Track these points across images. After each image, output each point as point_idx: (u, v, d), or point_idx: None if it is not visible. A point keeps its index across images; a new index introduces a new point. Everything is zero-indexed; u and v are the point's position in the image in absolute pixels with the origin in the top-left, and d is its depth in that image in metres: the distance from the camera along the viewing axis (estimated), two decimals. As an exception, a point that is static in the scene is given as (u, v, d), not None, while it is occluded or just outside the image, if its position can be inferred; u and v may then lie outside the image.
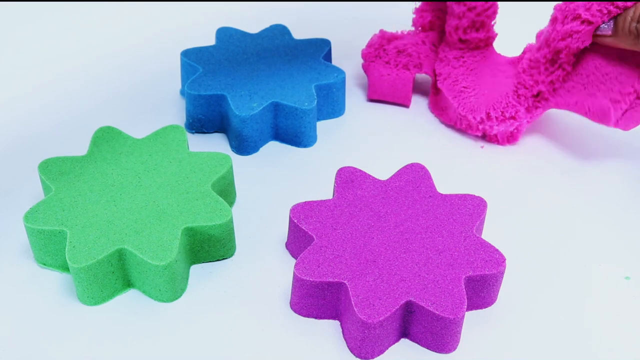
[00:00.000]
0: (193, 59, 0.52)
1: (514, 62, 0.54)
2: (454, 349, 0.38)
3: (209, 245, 0.41)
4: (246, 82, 0.50)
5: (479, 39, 0.52)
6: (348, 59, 0.58)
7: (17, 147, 0.50)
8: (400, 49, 0.54)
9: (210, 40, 0.55)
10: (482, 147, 0.51)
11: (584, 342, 0.38)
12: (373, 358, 0.37)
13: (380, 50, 0.54)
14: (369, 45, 0.55)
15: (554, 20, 0.48)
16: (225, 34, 0.55)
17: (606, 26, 0.45)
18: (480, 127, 0.51)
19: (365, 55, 0.55)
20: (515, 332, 0.39)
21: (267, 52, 0.53)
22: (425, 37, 0.54)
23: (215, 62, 0.52)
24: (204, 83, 0.50)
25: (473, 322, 0.39)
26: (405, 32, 0.55)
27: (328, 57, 0.54)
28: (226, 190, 0.44)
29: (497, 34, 0.53)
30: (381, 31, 0.55)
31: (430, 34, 0.55)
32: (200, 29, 0.60)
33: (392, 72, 0.54)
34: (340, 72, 0.52)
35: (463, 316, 0.36)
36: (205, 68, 0.51)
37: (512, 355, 0.38)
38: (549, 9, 0.49)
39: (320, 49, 0.54)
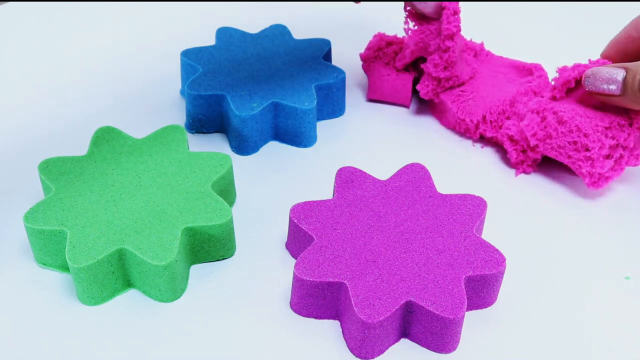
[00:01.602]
0: (193, 59, 0.52)
1: (518, 66, 0.54)
2: (454, 349, 0.38)
3: (209, 245, 0.41)
4: (246, 82, 0.50)
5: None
6: (348, 59, 0.58)
7: (17, 147, 0.50)
8: (397, 52, 0.54)
9: (210, 40, 0.55)
10: (482, 147, 0.51)
11: (584, 342, 0.38)
12: (373, 358, 0.37)
13: (380, 52, 0.55)
14: (368, 48, 0.55)
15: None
16: (225, 34, 0.55)
17: (614, 87, 0.44)
18: (477, 130, 0.51)
19: (364, 57, 0.55)
20: (515, 332, 0.39)
21: (267, 52, 0.53)
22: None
23: (215, 62, 0.52)
24: (204, 83, 0.50)
25: (473, 322, 0.39)
26: (404, 36, 0.55)
27: (328, 57, 0.54)
28: (226, 190, 0.44)
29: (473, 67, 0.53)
30: (380, 34, 0.55)
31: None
32: (200, 29, 0.60)
33: (392, 72, 0.54)
34: (340, 72, 0.52)
35: (463, 316, 0.36)
36: (205, 68, 0.51)
37: (512, 355, 0.38)
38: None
39: (320, 49, 0.54)
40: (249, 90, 0.50)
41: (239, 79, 0.51)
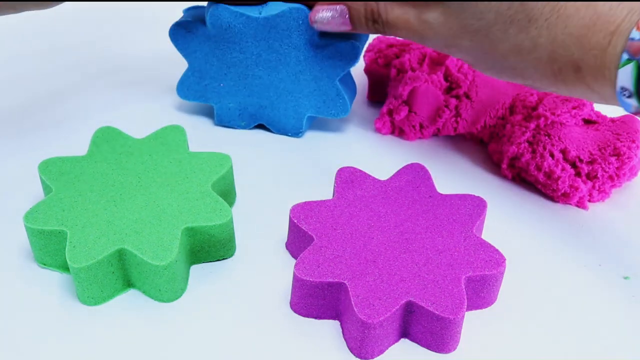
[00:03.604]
0: (181, 45, 0.49)
1: None
2: (454, 349, 0.38)
3: (209, 246, 0.41)
4: (238, 89, 0.49)
5: None
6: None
7: (17, 147, 0.50)
8: (398, 54, 0.54)
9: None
10: (483, 146, 0.51)
11: (584, 342, 0.38)
12: (373, 358, 0.37)
13: (381, 54, 0.55)
14: (369, 49, 0.55)
15: None
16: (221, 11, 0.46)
17: (343, 25, 0.44)
18: (477, 136, 0.51)
19: (366, 59, 0.55)
20: (515, 332, 0.39)
21: (277, 44, 0.47)
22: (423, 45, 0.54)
23: (204, 55, 0.48)
24: (192, 86, 0.50)
25: (473, 322, 0.39)
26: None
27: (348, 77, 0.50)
28: (226, 190, 0.44)
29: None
30: (381, 36, 0.55)
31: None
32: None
33: (392, 72, 0.54)
34: (344, 109, 0.49)
35: (463, 316, 0.36)
36: (192, 64, 0.49)
37: (512, 355, 0.38)
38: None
39: (345, 63, 0.47)
40: (239, 104, 0.50)
41: (231, 78, 0.49)
